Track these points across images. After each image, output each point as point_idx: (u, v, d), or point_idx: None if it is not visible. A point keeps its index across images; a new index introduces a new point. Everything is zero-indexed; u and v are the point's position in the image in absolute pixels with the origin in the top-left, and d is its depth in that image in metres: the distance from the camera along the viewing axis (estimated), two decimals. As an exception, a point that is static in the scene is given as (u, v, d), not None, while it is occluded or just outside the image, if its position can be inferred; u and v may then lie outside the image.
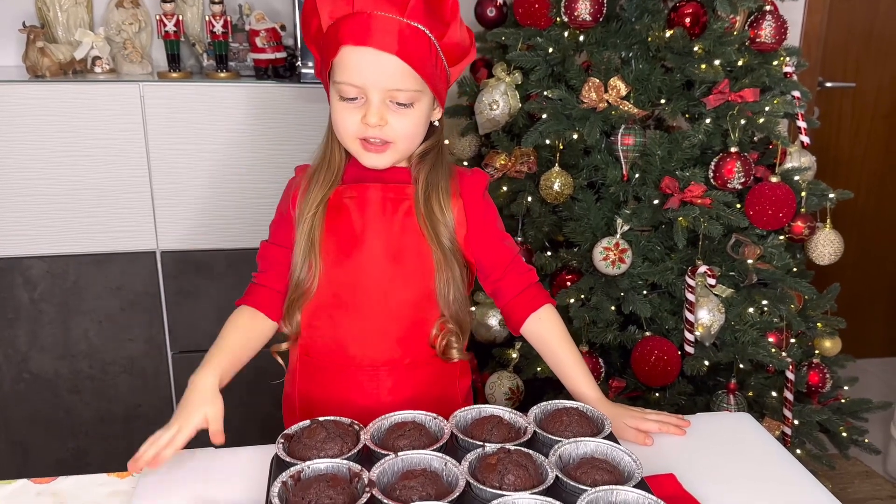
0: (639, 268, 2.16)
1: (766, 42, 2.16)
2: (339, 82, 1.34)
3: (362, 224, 1.42)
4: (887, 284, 3.84)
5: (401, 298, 1.44)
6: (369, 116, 1.33)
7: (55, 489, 1.29)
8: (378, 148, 1.38)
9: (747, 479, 1.29)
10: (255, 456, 1.31)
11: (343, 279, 1.43)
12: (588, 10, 2.15)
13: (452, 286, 1.43)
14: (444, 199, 1.43)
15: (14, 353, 2.49)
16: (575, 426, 1.26)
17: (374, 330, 1.45)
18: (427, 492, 1.08)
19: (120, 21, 2.58)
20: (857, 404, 2.41)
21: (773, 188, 2.11)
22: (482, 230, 1.48)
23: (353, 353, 1.46)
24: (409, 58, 1.31)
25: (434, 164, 1.44)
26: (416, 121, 1.38)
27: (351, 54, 1.31)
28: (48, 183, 2.35)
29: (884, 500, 2.77)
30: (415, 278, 1.44)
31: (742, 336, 2.12)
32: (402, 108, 1.35)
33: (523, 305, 1.49)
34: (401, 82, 1.32)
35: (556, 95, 2.18)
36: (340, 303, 1.44)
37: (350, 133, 1.37)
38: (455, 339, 1.49)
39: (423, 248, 1.42)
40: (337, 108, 1.37)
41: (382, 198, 1.42)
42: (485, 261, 1.50)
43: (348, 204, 1.43)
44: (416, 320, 1.47)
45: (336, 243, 1.42)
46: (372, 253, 1.42)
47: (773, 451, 1.39)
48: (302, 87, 2.43)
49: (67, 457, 2.61)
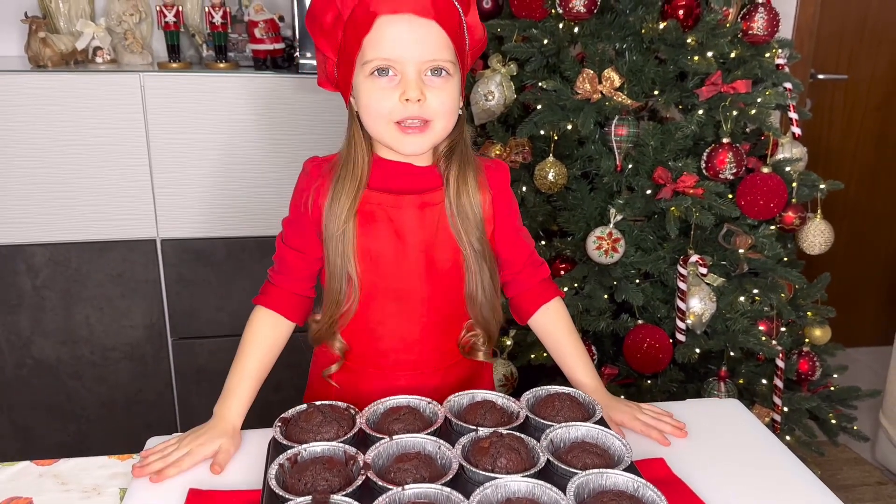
0: (631, 257, 2.17)
1: (759, 34, 2.17)
2: (371, 60, 1.25)
3: (403, 236, 1.36)
4: (877, 274, 3.85)
5: (439, 305, 1.42)
6: (409, 91, 1.24)
7: (57, 471, 1.30)
8: (418, 129, 1.29)
9: (736, 465, 1.30)
10: (253, 439, 1.32)
11: (387, 292, 1.39)
12: (582, 1, 2.14)
13: (481, 288, 1.40)
14: (474, 199, 1.37)
15: (17, 338, 2.50)
16: (566, 411, 1.27)
17: (414, 339, 1.43)
18: (421, 474, 1.08)
19: (121, 12, 2.58)
20: (847, 392, 2.42)
21: (764, 179, 2.12)
22: (507, 225, 1.45)
23: (394, 360, 1.44)
24: (446, 24, 1.25)
25: (461, 161, 1.37)
26: (454, 95, 1.30)
27: (387, 25, 1.23)
28: (50, 171, 2.35)
29: (872, 487, 2.78)
30: (451, 284, 1.41)
31: (733, 324, 2.13)
32: (438, 80, 1.27)
33: (533, 299, 1.48)
34: (437, 52, 1.25)
35: (550, 86, 2.18)
36: (385, 315, 1.41)
37: (385, 115, 1.27)
38: (481, 341, 1.48)
39: (456, 251, 1.38)
40: (370, 90, 1.27)
41: (419, 206, 1.36)
42: (505, 255, 1.47)
43: (383, 217, 1.36)
44: (453, 321, 1.46)
45: (375, 256, 1.37)
46: (417, 263, 1.38)
47: (761, 437, 1.40)
48: (300, 77, 2.43)
49: (69, 440, 2.62)
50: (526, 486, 1.06)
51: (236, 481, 1.21)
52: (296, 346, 2.55)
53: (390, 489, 1.04)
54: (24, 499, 1.24)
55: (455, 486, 1.05)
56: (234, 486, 1.20)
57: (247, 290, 2.55)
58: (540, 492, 1.05)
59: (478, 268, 1.39)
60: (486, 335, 1.47)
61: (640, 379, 2.26)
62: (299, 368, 1.60)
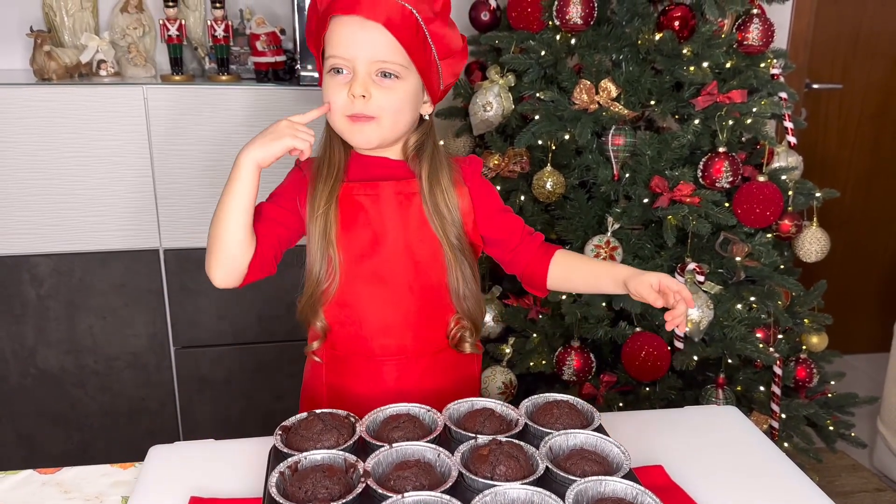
0: (629, 265, 2.16)
1: (754, 44, 2.17)
2: (328, 57, 1.36)
3: (381, 221, 1.42)
4: (873, 281, 3.85)
5: (422, 290, 1.45)
6: (355, 87, 1.32)
7: (60, 479, 1.30)
8: (362, 119, 1.36)
9: (734, 472, 1.29)
10: (254, 447, 1.32)
11: (368, 276, 1.43)
12: (579, 13, 2.15)
13: (463, 282, 1.45)
14: (448, 196, 1.43)
15: (21, 348, 2.49)
16: (565, 418, 1.27)
17: (398, 323, 1.46)
18: (420, 482, 1.08)
19: (124, 25, 2.59)
20: (844, 399, 2.42)
21: (760, 187, 2.12)
22: (489, 208, 1.49)
23: (379, 345, 1.47)
24: (395, 29, 1.31)
25: (432, 160, 1.44)
26: (402, 97, 1.37)
27: (340, 25, 1.33)
28: (55, 183, 2.36)
29: (871, 493, 2.77)
30: (433, 269, 1.45)
31: (730, 332, 2.13)
32: (386, 80, 1.34)
33: (540, 263, 1.49)
34: (386, 54, 1.33)
35: (548, 97, 2.19)
36: (366, 298, 1.44)
37: (338, 108, 1.36)
38: (468, 333, 1.50)
39: (437, 245, 1.43)
40: (327, 86, 1.37)
41: (396, 193, 1.43)
42: (497, 235, 1.50)
43: (363, 201, 1.42)
44: (436, 311, 1.48)
45: (356, 240, 1.42)
46: (396, 248, 1.42)
47: (759, 444, 1.40)
48: (301, 89, 2.43)
49: (72, 449, 2.61)
50: (525, 493, 1.06)
51: (237, 489, 1.21)
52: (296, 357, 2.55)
53: (390, 497, 1.04)
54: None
55: (454, 494, 1.05)
56: (235, 494, 1.20)
57: (248, 300, 2.56)
58: (539, 499, 1.05)
59: (457, 262, 1.44)
60: (473, 327, 1.51)
61: (639, 386, 2.25)
62: (299, 379, 1.60)
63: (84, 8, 2.56)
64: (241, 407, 2.63)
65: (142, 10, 2.62)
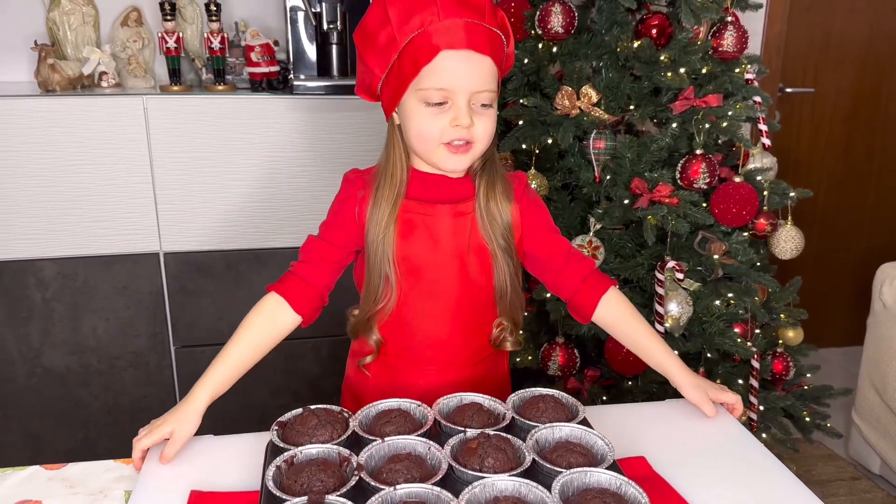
0: (611, 263, 2.17)
1: (729, 51, 2.17)
2: (426, 88, 1.28)
3: (436, 239, 1.39)
4: (847, 277, 3.86)
5: (472, 303, 1.44)
6: (461, 118, 1.28)
7: (65, 475, 1.30)
8: (462, 149, 1.32)
9: (714, 462, 1.29)
10: (251, 442, 1.31)
11: (422, 293, 1.41)
12: (560, 23, 2.15)
13: (508, 281, 1.42)
14: (502, 206, 1.40)
15: (28, 349, 2.48)
16: (550, 412, 1.26)
17: (444, 338, 1.45)
18: (412, 474, 1.08)
19: (125, 39, 2.59)
20: (820, 391, 2.42)
21: (736, 188, 2.12)
22: (539, 226, 1.47)
23: (430, 356, 1.46)
24: (497, 58, 1.29)
25: (491, 174, 1.41)
26: (494, 122, 1.35)
27: (449, 59, 1.26)
28: (59, 189, 2.35)
29: (846, 482, 2.78)
30: (481, 286, 1.43)
31: (709, 327, 2.13)
32: (484, 109, 1.31)
33: (589, 293, 1.46)
34: (487, 83, 1.29)
35: (531, 103, 2.19)
36: (419, 314, 1.43)
37: (436, 138, 1.31)
38: (509, 332, 1.49)
39: (486, 256, 1.41)
40: (421, 116, 1.31)
41: (453, 215, 1.39)
42: (542, 252, 1.47)
43: (420, 223, 1.39)
44: (482, 319, 1.48)
45: (412, 260, 1.40)
46: (449, 270, 1.40)
47: (738, 435, 1.39)
48: (294, 97, 2.42)
49: (77, 446, 2.60)
50: (513, 484, 1.06)
51: (236, 483, 1.21)
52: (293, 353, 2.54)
53: (383, 489, 1.03)
54: (33, 501, 1.23)
55: (445, 486, 1.05)
56: (233, 488, 1.19)
57: (245, 300, 2.53)
58: (526, 490, 1.05)
59: (504, 262, 1.41)
60: (513, 324, 1.49)
61: (622, 380, 2.25)
62: (296, 374, 1.60)
63: (86, 22, 2.56)
64: (238, 404, 2.62)
65: (141, 24, 2.62)
